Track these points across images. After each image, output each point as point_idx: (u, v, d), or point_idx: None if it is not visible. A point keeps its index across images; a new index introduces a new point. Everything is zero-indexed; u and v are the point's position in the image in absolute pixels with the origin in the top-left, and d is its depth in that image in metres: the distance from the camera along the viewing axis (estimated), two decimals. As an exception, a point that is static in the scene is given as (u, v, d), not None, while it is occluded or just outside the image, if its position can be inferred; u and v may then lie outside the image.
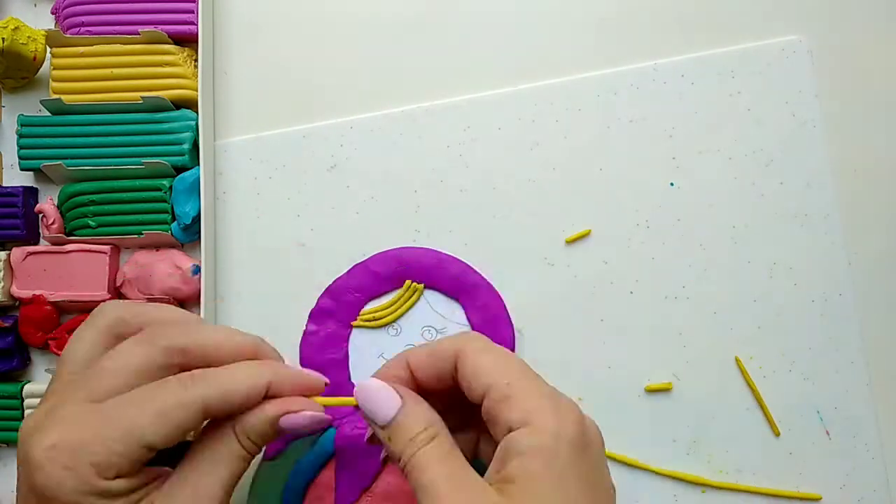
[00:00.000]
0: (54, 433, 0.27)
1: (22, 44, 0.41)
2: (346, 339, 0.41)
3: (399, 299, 0.40)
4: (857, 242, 0.41)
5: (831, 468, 0.40)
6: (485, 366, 0.30)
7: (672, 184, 0.41)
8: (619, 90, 0.42)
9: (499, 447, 0.29)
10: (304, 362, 0.40)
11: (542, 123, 0.42)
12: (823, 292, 0.40)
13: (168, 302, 0.41)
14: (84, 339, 0.31)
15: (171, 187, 0.41)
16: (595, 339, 0.41)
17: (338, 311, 0.41)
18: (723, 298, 0.41)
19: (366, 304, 0.41)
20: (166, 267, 0.41)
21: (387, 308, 0.41)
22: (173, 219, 0.41)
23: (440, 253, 0.41)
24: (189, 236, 0.42)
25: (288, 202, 0.42)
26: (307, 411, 0.31)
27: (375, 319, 0.40)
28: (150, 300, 0.41)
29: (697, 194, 0.41)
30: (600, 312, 0.41)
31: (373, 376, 0.32)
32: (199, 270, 0.41)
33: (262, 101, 0.44)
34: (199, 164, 0.41)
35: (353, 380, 0.40)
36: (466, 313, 0.40)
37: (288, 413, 0.31)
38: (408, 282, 0.40)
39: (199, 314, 0.40)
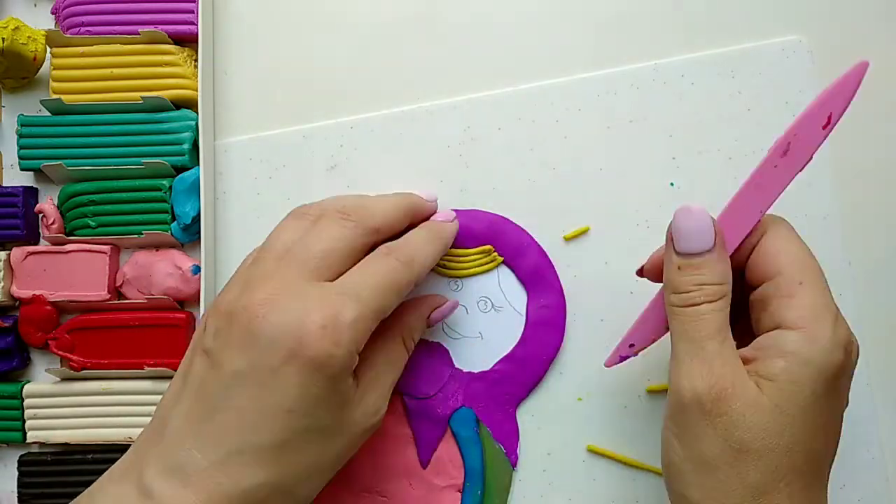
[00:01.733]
0: (320, 313, 0.30)
1: (22, 44, 0.41)
2: None
3: (475, 259, 0.40)
4: (857, 242, 0.41)
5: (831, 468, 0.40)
6: (788, 253, 0.30)
7: (672, 184, 0.41)
8: (620, 90, 0.42)
9: (762, 337, 0.29)
10: None
11: (543, 123, 0.42)
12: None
13: (168, 302, 0.41)
14: (288, 227, 0.35)
15: (170, 187, 0.41)
16: (595, 340, 0.41)
17: None
18: (723, 298, 0.41)
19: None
20: (166, 267, 0.41)
21: (460, 260, 0.40)
22: (173, 219, 0.41)
23: (533, 239, 0.41)
24: (189, 236, 0.42)
25: (288, 202, 0.42)
26: (449, 301, 0.39)
27: (445, 267, 0.40)
28: (149, 301, 0.41)
29: (698, 194, 0.41)
30: (600, 313, 0.41)
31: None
32: (199, 270, 0.41)
33: (262, 101, 0.44)
34: (199, 164, 0.41)
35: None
36: (528, 305, 0.40)
37: (437, 308, 0.38)
38: (489, 247, 0.40)
39: (199, 314, 0.40)
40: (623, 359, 0.36)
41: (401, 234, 0.37)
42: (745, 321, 0.33)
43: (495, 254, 0.40)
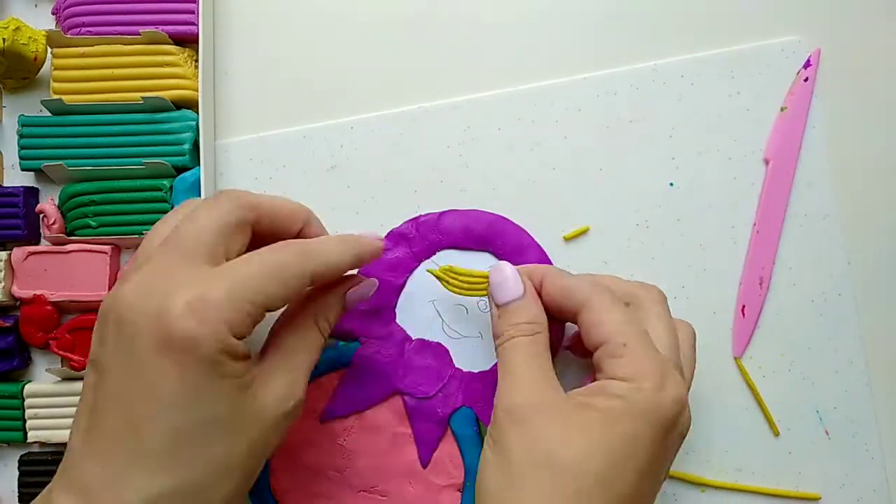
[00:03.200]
0: (185, 292, 0.27)
1: (23, 44, 0.41)
2: (410, 271, 0.41)
3: (482, 282, 0.38)
4: (856, 242, 0.41)
5: (831, 468, 0.40)
6: (608, 322, 0.32)
7: (671, 184, 0.41)
8: (619, 90, 0.42)
9: (594, 383, 0.31)
10: (366, 272, 0.40)
11: (542, 124, 0.42)
12: (823, 292, 0.41)
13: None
14: (165, 222, 0.33)
15: (171, 187, 0.41)
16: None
17: (415, 241, 0.41)
18: (722, 298, 0.41)
19: (444, 248, 0.41)
20: (167, 267, 0.41)
21: (466, 280, 0.38)
22: (174, 219, 0.41)
23: (533, 239, 0.41)
24: (189, 236, 0.42)
25: (288, 202, 0.42)
26: (365, 281, 0.36)
27: (448, 282, 0.39)
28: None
29: (697, 194, 0.41)
30: (600, 312, 0.41)
31: (519, 268, 0.36)
32: (200, 270, 0.41)
33: (263, 101, 0.44)
34: (199, 165, 0.41)
35: (397, 309, 0.40)
36: None
37: (352, 287, 0.35)
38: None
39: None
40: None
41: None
42: None
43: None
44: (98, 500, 0.27)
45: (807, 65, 0.41)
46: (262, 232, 0.33)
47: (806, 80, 0.41)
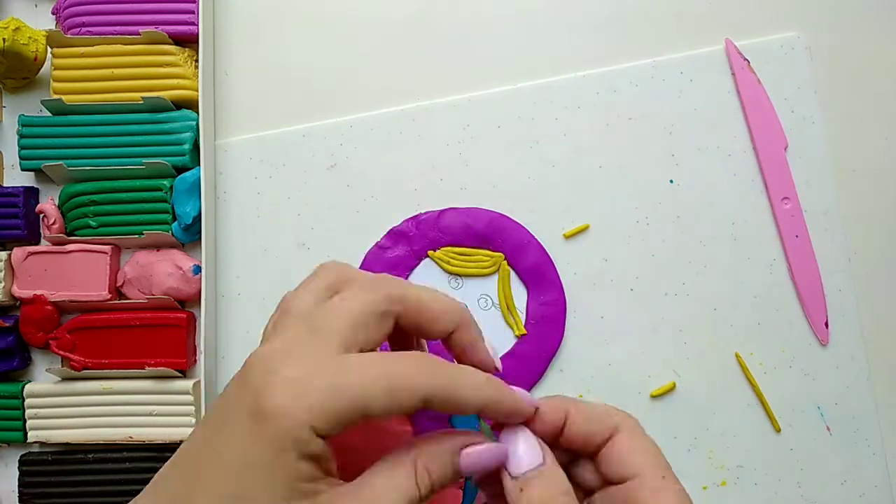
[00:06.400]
0: (294, 368, 0.25)
1: (23, 44, 0.41)
2: (411, 269, 0.41)
3: (482, 260, 0.40)
4: (856, 238, 0.41)
5: (832, 464, 0.40)
6: (642, 450, 0.29)
7: (671, 181, 0.41)
8: (619, 88, 0.42)
9: None
10: (365, 269, 0.40)
11: (542, 121, 0.42)
12: (823, 289, 0.41)
13: (169, 302, 0.41)
14: (310, 289, 0.29)
15: (171, 187, 0.41)
16: (595, 337, 0.41)
17: (415, 239, 0.41)
18: (723, 295, 0.41)
19: (444, 246, 0.41)
20: (167, 267, 0.41)
21: (466, 259, 0.40)
22: (174, 219, 0.41)
23: (533, 237, 0.41)
24: (190, 236, 0.42)
25: (288, 202, 0.42)
26: (491, 443, 0.28)
27: (449, 263, 0.40)
28: (150, 300, 0.41)
29: (697, 191, 0.41)
30: (600, 310, 0.41)
31: (529, 405, 0.29)
32: (200, 270, 0.41)
33: (262, 101, 0.44)
34: (199, 164, 0.41)
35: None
36: (528, 303, 0.40)
37: (471, 445, 0.28)
38: (500, 255, 0.40)
39: (200, 314, 0.40)
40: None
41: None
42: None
43: (504, 263, 0.40)
44: None
45: (736, 61, 0.41)
46: (407, 326, 0.30)
47: (742, 69, 0.41)
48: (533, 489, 0.28)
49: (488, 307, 0.40)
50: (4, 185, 0.43)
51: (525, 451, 0.29)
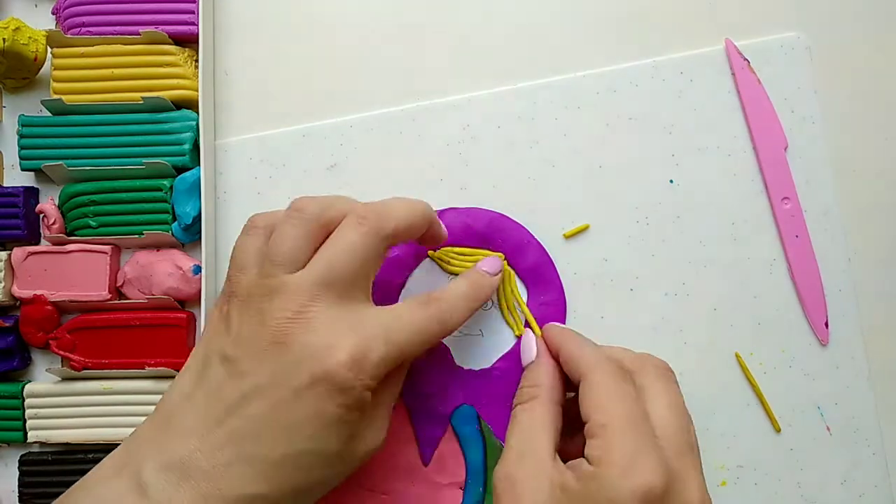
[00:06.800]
0: (348, 345, 0.31)
1: (23, 44, 0.41)
2: (411, 270, 0.41)
3: (479, 259, 0.40)
4: (856, 238, 0.41)
5: (832, 464, 0.40)
6: (595, 398, 0.32)
7: (671, 181, 0.41)
8: (619, 88, 0.42)
9: (575, 461, 0.32)
10: None
11: (542, 121, 0.42)
12: (823, 289, 0.41)
13: (169, 302, 0.41)
14: (288, 235, 0.33)
15: (171, 187, 0.41)
16: (595, 337, 0.40)
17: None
18: (723, 295, 0.41)
19: (444, 246, 0.40)
20: (167, 267, 0.41)
21: (466, 259, 0.40)
22: (174, 219, 0.41)
23: (533, 237, 0.41)
24: (190, 236, 0.42)
25: (288, 201, 0.42)
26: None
27: (449, 263, 0.40)
28: (150, 301, 0.41)
29: (697, 191, 0.41)
30: (600, 310, 0.41)
31: (544, 327, 0.38)
32: (200, 270, 0.41)
33: (262, 101, 0.44)
34: (199, 164, 0.41)
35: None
36: (528, 303, 0.40)
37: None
38: (500, 254, 0.40)
39: (200, 314, 0.40)
40: None
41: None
42: None
43: (506, 264, 0.40)
44: (196, 486, 0.29)
45: (736, 61, 0.41)
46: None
47: (742, 69, 0.41)
48: (521, 379, 0.36)
49: (488, 307, 0.40)
50: (4, 185, 0.44)
51: (527, 348, 0.37)
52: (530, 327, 0.38)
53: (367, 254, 0.33)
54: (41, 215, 0.42)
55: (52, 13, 0.43)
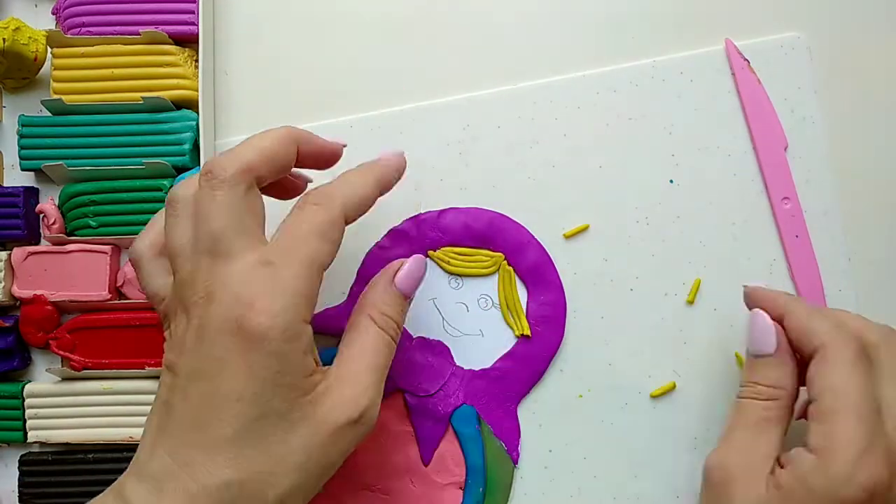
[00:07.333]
0: (249, 288, 0.29)
1: (23, 44, 0.41)
2: None
3: (482, 260, 0.40)
4: (856, 238, 0.41)
5: (833, 464, 0.40)
6: (829, 379, 0.31)
7: (672, 181, 0.41)
8: (619, 88, 0.42)
9: (793, 450, 0.31)
10: (365, 271, 0.41)
11: (542, 122, 0.42)
12: (823, 289, 0.41)
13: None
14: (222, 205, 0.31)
15: (171, 187, 0.41)
16: (595, 337, 0.41)
17: (416, 239, 0.41)
18: (723, 295, 0.41)
19: (444, 246, 0.40)
20: (167, 267, 0.41)
21: (466, 259, 0.40)
22: (174, 218, 0.41)
23: (533, 237, 0.41)
24: (190, 236, 0.42)
25: (288, 201, 0.42)
26: (408, 260, 0.35)
27: (449, 263, 0.40)
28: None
29: (697, 191, 0.41)
30: (600, 310, 0.41)
31: (759, 291, 0.36)
32: (200, 270, 0.41)
33: (263, 101, 0.44)
34: (199, 165, 0.41)
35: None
36: (528, 303, 0.40)
37: (398, 271, 0.35)
38: (500, 255, 0.40)
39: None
40: None
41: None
42: None
43: (504, 263, 0.40)
44: (168, 490, 0.28)
45: (736, 61, 0.41)
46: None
47: (742, 69, 0.41)
48: (753, 369, 0.34)
49: (488, 307, 0.40)
50: (4, 185, 0.44)
51: (762, 335, 0.34)
52: (757, 309, 0.35)
53: (321, 230, 0.31)
54: (41, 215, 0.42)
55: (52, 13, 0.43)
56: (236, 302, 0.29)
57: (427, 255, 0.40)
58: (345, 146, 0.37)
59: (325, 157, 0.36)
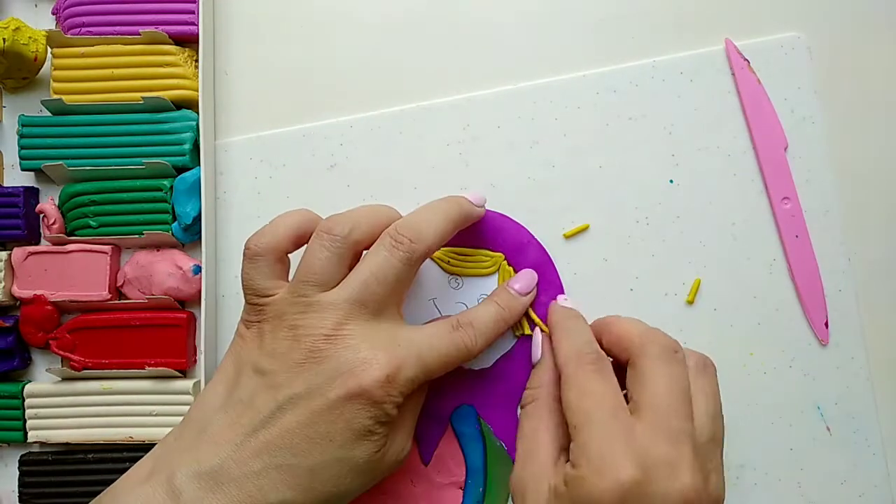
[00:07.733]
0: (382, 362, 0.32)
1: (23, 44, 0.41)
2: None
3: (482, 260, 0.40)
4: (856, 238, 0.41)
5: (832, 464, 0.40)
6: (567, 401, 0.33)
7: (671, 181, 0.41)
8: (619, 88, 0.42)
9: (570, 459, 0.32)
10: None
11: (542, 122, 0.42)
12: (824, 289, 0.41)
13: (169, 302, 0.41)
14: (318, 257, 0.34)
15: (171, 187, 0.41)
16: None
17: None
18: (722, 295, 0.41)
19: (444, 246, 0.40)
20: (167, 267, 0.41)
21: (465, 259, 0.40)
22: (174, 219, 0.41)
23: (533, 237, 0.41)
24: (190, 236, 0.42)
25: (288, 201, 0.42)
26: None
27: (449, 263, 0.40)
28: (150, 300, 0.41)
29: (697, 191, 0.41)
30: (600, 310, 0.41)
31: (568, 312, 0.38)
32: (200, 270, 0.41)
33: (262, 101, 0.44)
34: (199, 164, 0.41)
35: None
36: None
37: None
38: (500, 255, 0.40)
39: (200, 314, 0.40)
40: None
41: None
42: None
43: (504, 263, 0.40)
44: (228, 493, 0.30)
45: (736, 61, 0.41)
46: None
47: (742, 69, 0.41)
48: (532, 376, 0.38)
49: None
50: (4, 185, 0.44)
51: (534, 347, 0.38)
52: (538, 326, 0.39)
53: (401, 276, 0.34)
54: (41, 215, 0.42)
55: (52, 13, 0.43)
56: (367, 364, 0.32)
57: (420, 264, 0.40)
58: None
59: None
